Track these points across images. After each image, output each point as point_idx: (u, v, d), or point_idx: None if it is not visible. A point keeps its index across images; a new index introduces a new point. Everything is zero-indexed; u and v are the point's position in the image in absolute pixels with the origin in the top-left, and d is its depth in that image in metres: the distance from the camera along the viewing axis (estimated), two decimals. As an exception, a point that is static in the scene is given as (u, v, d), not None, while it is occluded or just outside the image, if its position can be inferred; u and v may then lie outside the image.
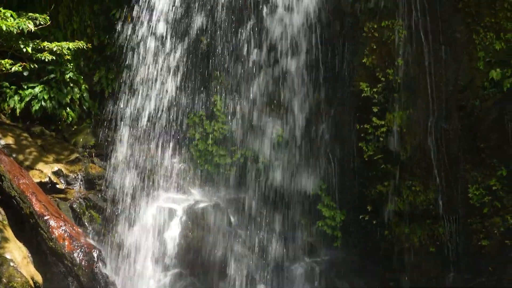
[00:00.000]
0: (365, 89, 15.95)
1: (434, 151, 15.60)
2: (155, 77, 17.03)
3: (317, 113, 16.51)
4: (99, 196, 15.42)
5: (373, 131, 15.78)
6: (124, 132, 16.61)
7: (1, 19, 13.68)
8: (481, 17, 15.45)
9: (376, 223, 15.83)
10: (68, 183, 15.51)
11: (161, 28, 17.19)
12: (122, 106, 16.82)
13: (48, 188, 14.70)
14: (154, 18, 17.20)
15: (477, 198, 15.12)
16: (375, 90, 15.90)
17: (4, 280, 10.56)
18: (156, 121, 16.75)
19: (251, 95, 16.68)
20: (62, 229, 12.61)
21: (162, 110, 16.84)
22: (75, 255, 12.39)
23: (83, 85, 17.26)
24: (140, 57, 17.11)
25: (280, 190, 16.15)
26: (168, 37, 17.19)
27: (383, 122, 15.67)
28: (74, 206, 14.75)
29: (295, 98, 16.58)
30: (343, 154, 16.26)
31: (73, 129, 17.38)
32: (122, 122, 16.75)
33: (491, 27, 15.32)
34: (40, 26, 14.94)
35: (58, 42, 15.59)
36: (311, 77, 16.60)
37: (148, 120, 16.75)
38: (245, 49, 16.83)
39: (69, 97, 16.74)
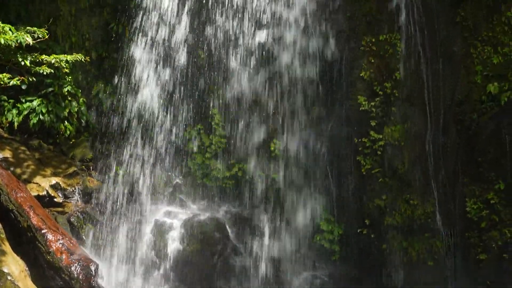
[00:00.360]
0: (363, 102, 15.99)
1: (432, 165, 15.63)
2: (153, 89, 17.09)
3: (315, 127, 16.52)
4: (97, 209, 15.38)
5: (371, 145, 15.81)
6: (122, 145, 16.60)
7: (0, 33, 13.70)
8: (478, 31, 15.52)
9: (374, 237, 15.82)
10: (65, 197, 15.48)
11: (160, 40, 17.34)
12: (119, 118, 16.82)
13: (45, 201, 14.65)
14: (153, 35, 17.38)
15: (474, 212, 15.13)
16: (373, 103, 15.95)
17: (2, 294, 10.52)
18: (154, 134, 16.75)
19: (249, 109, 16.72)
20: (60, 243, 12.55)
21: (160, 123, 16.86)
22: (73, 268, 12.32)
23: (81, 99, 17.24)
24: (138, 70, 17.18)
25: (278, 204, 16.14)
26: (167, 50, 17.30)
27: (381, 136, 15.71)
28: (71, 219, 14.71)
29: (293, 112, 16.62)
30: (341, 168, 16.26)
31: (71, 142, 17.33)
32: (120, 135, 16.75)
33: (488, 41, 15.40)
34: (38, 40, 14.95)
35: (56, 55, 15.60)
36: (309, 92, 16.65)
37: (146, 133, 16.76)
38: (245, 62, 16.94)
39: (67, 110, 16.71)
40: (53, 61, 15.02)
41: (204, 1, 17.17)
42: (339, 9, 16.74)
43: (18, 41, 13.87)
